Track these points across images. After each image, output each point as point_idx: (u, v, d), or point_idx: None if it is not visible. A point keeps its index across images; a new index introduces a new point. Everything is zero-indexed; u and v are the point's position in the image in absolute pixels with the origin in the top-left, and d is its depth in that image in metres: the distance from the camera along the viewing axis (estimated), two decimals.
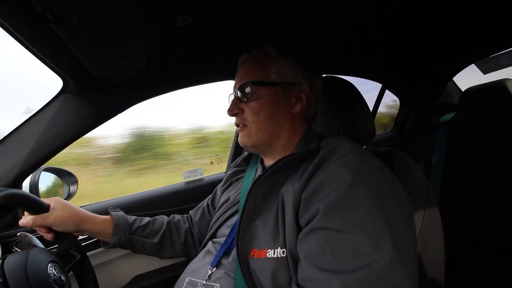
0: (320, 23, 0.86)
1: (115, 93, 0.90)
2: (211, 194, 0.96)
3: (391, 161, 0.75)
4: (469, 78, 1.71)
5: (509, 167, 1.25)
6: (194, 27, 0.70)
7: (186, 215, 0.95)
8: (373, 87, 1.66)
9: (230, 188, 0.86)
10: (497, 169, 1.29)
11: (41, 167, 0.88)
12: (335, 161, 0.54)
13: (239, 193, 0.77)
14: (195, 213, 0.94)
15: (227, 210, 0.76)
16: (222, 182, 0.92)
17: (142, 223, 0.83)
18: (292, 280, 0.51)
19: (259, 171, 0.76)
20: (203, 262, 0.69)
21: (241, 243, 0.57)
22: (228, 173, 0.91)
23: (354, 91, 0.82)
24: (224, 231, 0.72)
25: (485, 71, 1.60)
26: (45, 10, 0.47)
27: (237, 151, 1.41)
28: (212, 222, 0.79)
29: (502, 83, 1.32)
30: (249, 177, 0.78)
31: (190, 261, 0.75)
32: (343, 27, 0.92)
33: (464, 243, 1.33)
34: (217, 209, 0.83)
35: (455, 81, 1.79)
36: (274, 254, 0.53)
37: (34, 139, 0.82)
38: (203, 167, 1.30)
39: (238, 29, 0.80)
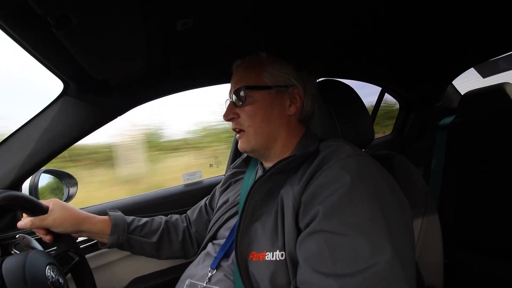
0: (319, 26, 0.86)
1: (115, 95, 0.90)
2: (209, 195, 0.96)
3: (390, 164, 0.75)
4: (469, 81, 1.71)
5: (509, 171, 1.25)
6: (193, 31, 0.71)
7: (184, 214, 0.96)
8: (373, 91, 1.66)
9: (229, 189, 0.86)
10: (497, 173, 1.29)
11: (41, 169, 0.88)
12: (334, 164, 0.54)
13: (239, 194, 0.77)
14: (192, 212, 0.94)
15: (226, 211, 0.76)
16: (220, 183, 0.92)
17: (140, 223, 0.83)
18: (291, 283, 0.51)
19: (259, 173, 0.76)
20: (203, 264, 0.68)
21: (240, 246, 0.56)
22: (227, 174, 0.91)
23: (353, 94, 0.83)
24: (224, 232, 0.72)
25: (484, 74, 1.61)
26: (45, 14, 0.47)
27: (237, 152, 1.41)
28: (212, 223, 0.79)
29: (501, 87, 1.32)
30: (249, 178, 0.78)
31: (189, 263, 0.74)
32: (342, 30, 0.93)
33: (463, 247, 1.32)
34: (216, 210, 0.83)
35: (454, 84, 1.79)
36: (273, 257, 0.53)
37: (34, 141, 0.82)
38: (202, 169, 1.31)
39: (237, 33, 0.80)
